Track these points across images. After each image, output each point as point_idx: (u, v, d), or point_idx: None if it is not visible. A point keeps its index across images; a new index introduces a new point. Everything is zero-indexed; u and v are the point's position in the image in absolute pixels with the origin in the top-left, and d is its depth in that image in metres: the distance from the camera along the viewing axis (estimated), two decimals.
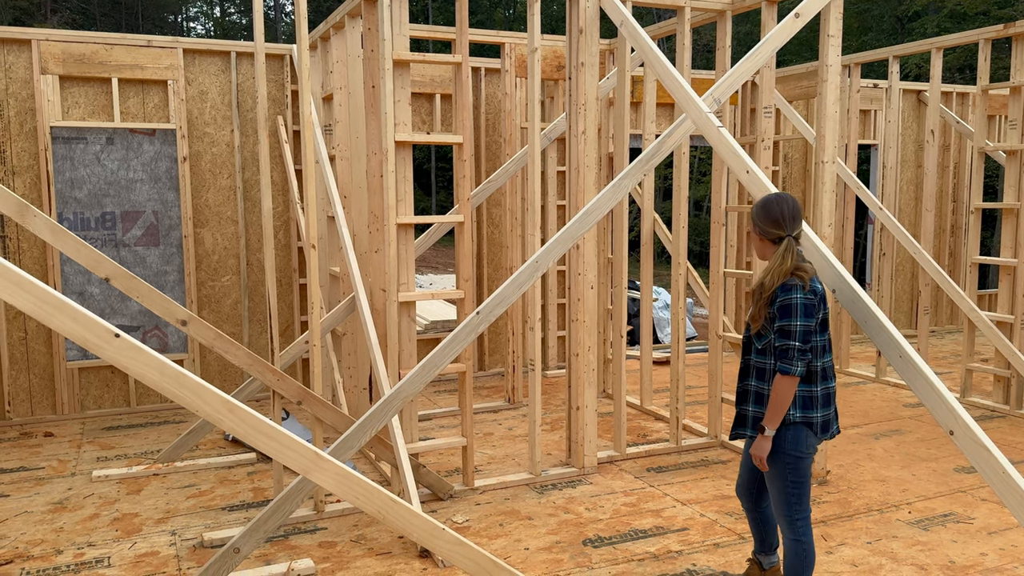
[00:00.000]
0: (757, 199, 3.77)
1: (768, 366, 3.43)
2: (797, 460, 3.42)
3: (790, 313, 3.27)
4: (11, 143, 6.93)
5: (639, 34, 5.10)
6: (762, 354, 3.46)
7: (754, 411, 3.51)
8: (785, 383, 3.29)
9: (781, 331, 3.30)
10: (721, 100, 4.89)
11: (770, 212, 3.44)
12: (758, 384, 3.50)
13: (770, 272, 3.35)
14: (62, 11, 38.83)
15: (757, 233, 3.50)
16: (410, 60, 4.94)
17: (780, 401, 3.31)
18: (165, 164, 7.40)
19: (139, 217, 7.39)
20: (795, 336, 3.27)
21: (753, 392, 3.52)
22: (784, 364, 3.28)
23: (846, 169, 8.04)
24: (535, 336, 5.41)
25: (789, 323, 3.27)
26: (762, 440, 3.41)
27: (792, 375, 3.28)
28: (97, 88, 7.14)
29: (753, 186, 4.25)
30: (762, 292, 3.37)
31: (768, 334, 3.37)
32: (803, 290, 3.30)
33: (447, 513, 5.01)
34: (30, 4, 36.45)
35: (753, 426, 3.52)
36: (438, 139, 5.19)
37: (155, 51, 7.20)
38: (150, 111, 7.33)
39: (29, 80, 6.91)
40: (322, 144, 6.38)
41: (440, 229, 6.55)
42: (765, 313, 3.36)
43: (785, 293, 3.30)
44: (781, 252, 3.36)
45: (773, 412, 3.34)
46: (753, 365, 3.51)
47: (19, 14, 34.66)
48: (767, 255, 3.49)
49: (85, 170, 7.17)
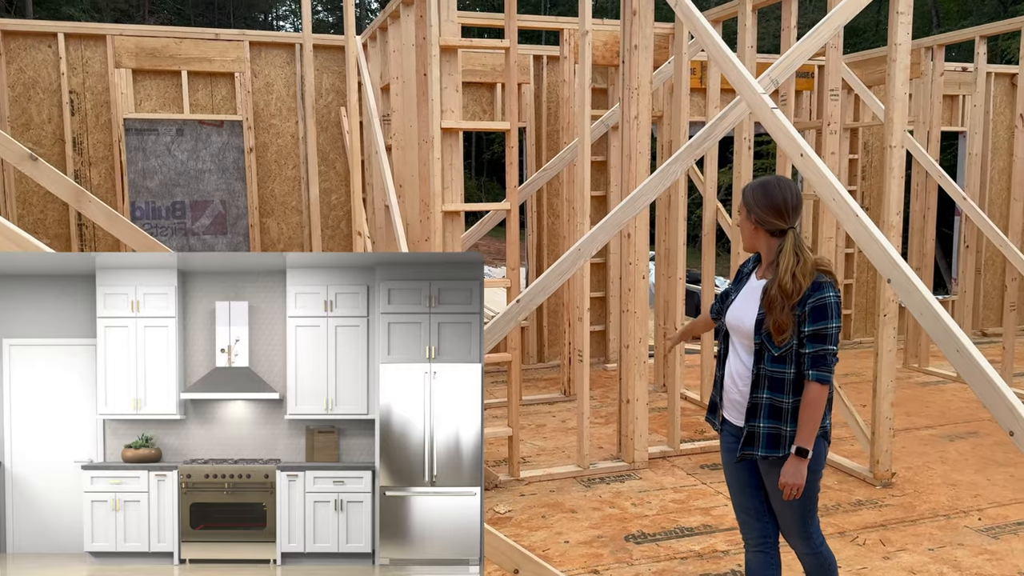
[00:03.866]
0: (797, 184, 3.56)
1: (787, 376, 2.93)
2: (815, 476, 3.00)
3: (826, 315, 2.86)
4: (88, 135, 7.22)
5: (693, 14, 4.92)
6: (779, 362, 2.94)
7: (768, 427, 2.98)
8: (822, 393, 2.88)
9: (815, 336, 2.87)
10: (779, 81, 4.68)
11: (771, 197, 2.96)
12: (772, 396, 2.97)
13: (789, 272, 2.87)
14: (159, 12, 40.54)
15: (752, 220, 3.02)
16: (457, 46, 4.90)
17: (817, 415, 2.89)
18: (232, 155, 7.58)
19: (207, 206, 7.60)
20: (831, 340, 2.88)
21: (766, 405, 2.98)
22: (821, 372, 2.87)
23: (927, 156, 7.62)
24: (583, 327, 5.31)
25: (826, 325, 2.86)
26: (799, 465, 2.89)
27: (829, 383, 2.89)
28: (168, 81, 7.37)
29: (807, 170, 4.05)
30: (785, 296, 2.87)
31: (791, 340, 2.91)
32: (834, 288, 2.90)
33: (490, 503, 4.97)
34: (129, 6, 38.20)
35: (768, 444, 3.00)
36: (486, 126, 5.14)
37: (222, 44, 7.39)
38: (218, 103, 7.53)
39: (104, 74, 7.18)
40: (379, 134, 6.41)
41: (495, 218, 6.51)
42: (792, 319, 2.88)
43: (818, 293, 2.87)
44: (791, 248, 2.92)
45: (809, 428, 2.88)
46: (766, 375, 2.97)
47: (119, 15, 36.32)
48: (758, 246, 3.06)
49: (156, 160, 7.42)
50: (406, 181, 5.91)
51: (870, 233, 3.66)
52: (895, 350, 5.19)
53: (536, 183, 6.63)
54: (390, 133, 6.30)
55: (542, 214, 8.36)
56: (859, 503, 4.95)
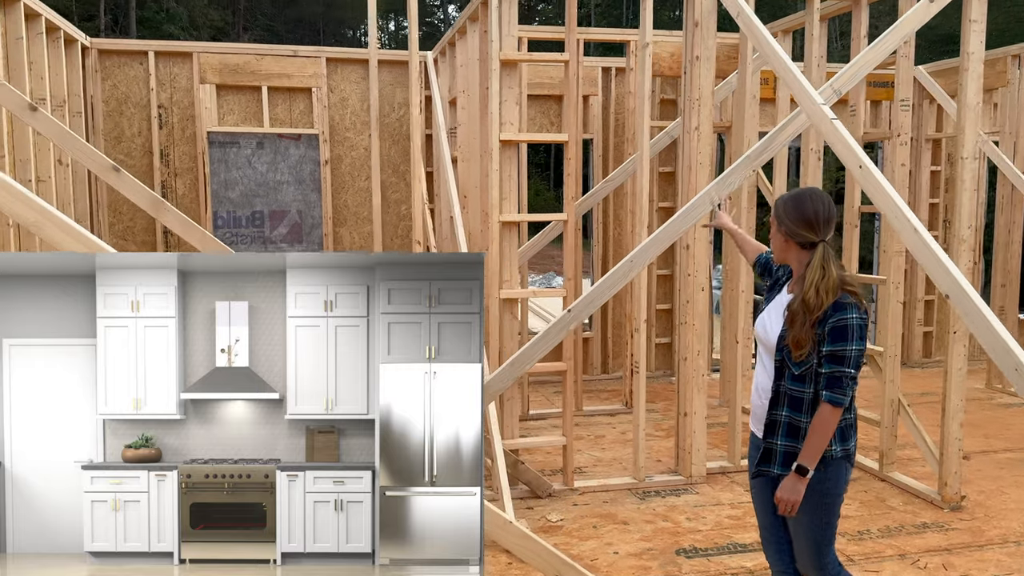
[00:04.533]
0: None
1: (806, 395, 2.89)
2: (835, 500, 2.93)
3: (846, 336, 2.78)
4: (174, 147, 7.62)
5: (754, 24, 4.88)
6: (799, 380, 2.90)
7: (784, 445, 2.95)
8: (834, 415, 2.81)
9: (832, 357, 2.80)
10: (841, 92, 4.59)
11: (803, 210, 2.90)
12: (791, 415, 2.93)
13: (813, 286, 2.81)
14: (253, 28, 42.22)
15: (782, 232, 2.98)
16: (517, 60, 4.99)
17: (825, 436, 2.82)
18: (309, 167, 7.87)
19: (285, 216, 7.90)
20: (850, 362, 2.78)
21: (784, 423, 2.95)
22: (835, 394, 2.79)
23: (1012, 168, 7.31)
24: (640, 338, 5.30)
25: (845, 347, 2.78)
26: (798, 482, 2.85)
27: (842, 406, 2.81)
28: (249, 96, 7.71)
29: (866, 182, 3.97)
30: (807, 311, 2.81)
31: (811, 358, 2.86)
32: (858, 309, 2.81)
33: (543, 511, 5.00)
34: (225, 23, 39.94)
35: (784, 463, 2.96)
36: (543, 138, 5.22)
37: (301, 60, 7.68)
38: (296, 117, 7.83)
39: (190, 89, 7.57)
40: (445, 146, 6.56)
41: (558, 228, 6.55)
42: (812, 336, 2.82)
43: (839, 313, 2.78)
44: (818, 262, 2.84)
45: (815, 448, 2.83)
46: (786, 392, 2.94)
47: (215, 32, 38.00)
48: (788, 259, 3.01)
49: (237, 172, 7.76)
50: (469, 192, 6.03)
51: (928, 247, 3.57)
52: (965, 369, 5.00)
53: (598, 194, 6.66)
54: (456, 145, 6.45)
55: (607, 224, 8.36)
56: (924, 526, 4.78)
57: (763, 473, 3.02)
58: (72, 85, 6.85)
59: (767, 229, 3.16)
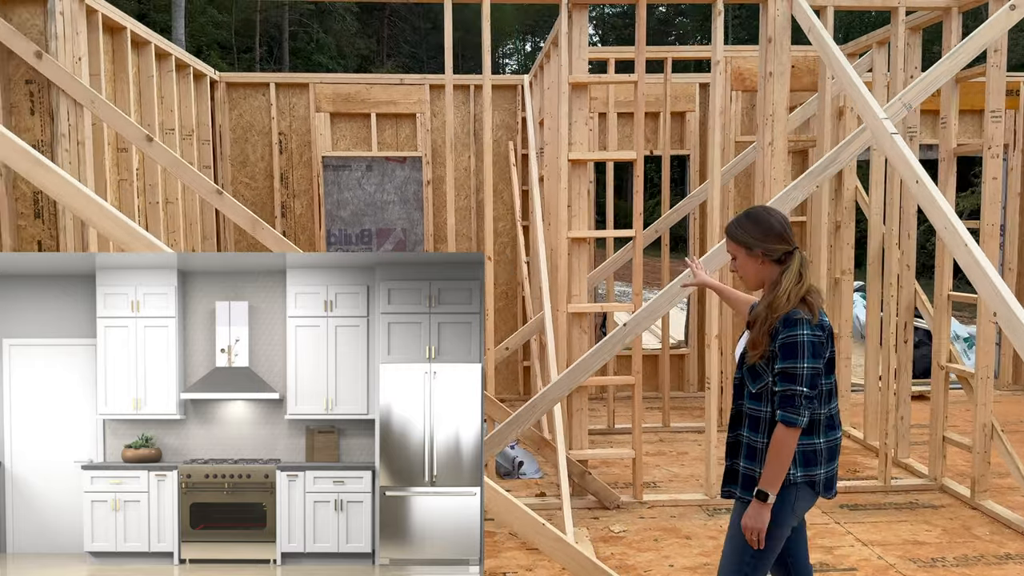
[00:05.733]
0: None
1: (763, 414, 2.82)
2: (776, 525, 2.79)
3: (795, 353, 2.70)
4: (292, 171, 8.26)
5: (823, 39, 4.85)
6: (756, 399, 2.84)
7: (745, 467, 2.89)
8: (788, 436, 2.70)
9: (784, 374, 2.72)
10: (912, 105, 4.50)
11: (768, 225, 2.87)
12: (751, 435, 2.87)
13: (786, 292, 2.75)
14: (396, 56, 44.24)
15: (757, 255, 2.89)
16: (586, 82, 5.17)
17: (782, 458, 2.71)
18: (413, 187, 8.33)
19: (390, 234, 8.38)
20: (801, 380, 2.69)
21: (745, 444, 2.90)
22: (787, 413, 2.70)
23: None
24: (711, 353, 5.32)
25: (794, 365, 2.69)
26: (760, 509, 2.75)
27: (796, 426, 2.70)
28: (359, 122, 8.26)
29: (921, 197, 3.90)
30: (769, 314, 2.77)
31: (765, 376, 2.80)
32: (810, 324, 2.72)
33: (607, 521, 5.10)
34: (370, 52, 42.09)
35: (745, 486, 2.88)
36: (612, 156, 5.36)
37: (406, 88, 8.16)
38: (401, 141, 8.31)
39: (307, 117, 8.20)
40: (534, 165, 6.81)
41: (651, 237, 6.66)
42: (767, 343, 2.77)
43: (788, 328, 2.72)
44: (796, 267, 2.80)
45: (774, 472, 2.72)
46: (746, 412, 2.89)
47: (362, 61, 40.15)
48: (766, 279, 2.90)
49: (348, 193, 8.31)
50: (551, 209, 6.24)
51: (978, 265, 3.49)
52: None
53: (682, 209, 6.70)
54: (543, 164, 6.68)
55: (704, 238, 8.34)
56: (1006, 556, 4.54)
57: (729, 494, 2.97)
58: (201, 115, 7.58)
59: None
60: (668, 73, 7.08)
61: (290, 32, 37.48)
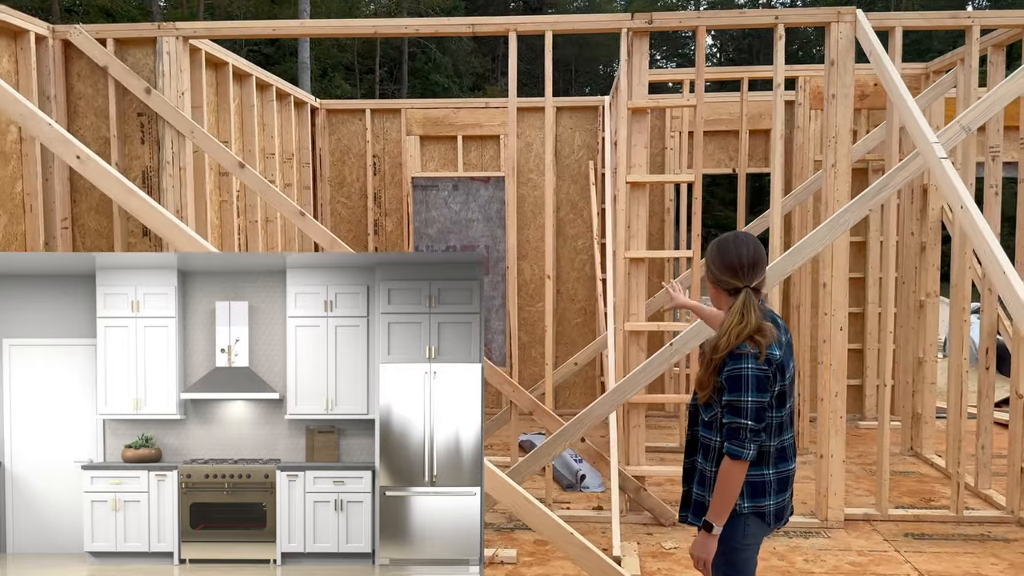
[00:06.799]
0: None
1: (714, 443, 2.84)
2: (734, 551, 2.83)
3: (739, 387, 2.70)
4: (385, 191, 8.74)
5: (882, 63, 4.82)
6: (708, 427, 2.87)
7: (698, 494, 2.92)
8: (734, 468, 2.71)
9: (730, 407, 2.73)
10: (970, 128, 4.44)
11: (725, 255, 2.84)
12: (703, 462, 2.90)
13: (727, 331, 2.73)
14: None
15: (710, 280, 2.91)
16: (645, 107, 5.32)
17: (728, 490, 2.73)
18: (496, 206, 8.63)
19: (474, 250, 8.71)
20: (747, 414, 2.69)
21: (698, 471, 2.93)
22: (733, 446, 2.71)
23: None
24: None
25: (739, 398, 2.70)
26: (706, 540, 2.78)
27: (742, 459, 2.70)
28: (446, 144, 8.65)
29: (964, 221, 3.86)
30: (714, 353, 2.76)
31: (715, 406, 2.81)
32: (756, 359, 2.70)
33: (660, 538, 5.19)
34: (485, 70, 43.08)
35: (696, 512, 2.91)
36: (670, 178, 5.47)
37: (491, 111, 8.50)
38: (486, 161, 8.64)
39: (398, 140, 8.66)
40: (610, 185, 6.98)
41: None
42: (713, 381, 2.77)
43: (734, 362, 2.71)
44: (739, 307, 2.76)
45: (720, 504, 2.75)
46: (701, 440, 2.92)
47: (476, 79, 41.14)
48: (722, 306, 2.93)
49: (435, 211, 8.71)
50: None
51: (1012, 289, 3.43)
52: None
53: (753, 230, 6.68)
54: (617, 184, 6.84)
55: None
56: None
57: (685, 518, 3.00)
58: (302, 140, 8.15)
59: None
60: (744, 92, 7.10)
61: (409, 53, 38.88)
